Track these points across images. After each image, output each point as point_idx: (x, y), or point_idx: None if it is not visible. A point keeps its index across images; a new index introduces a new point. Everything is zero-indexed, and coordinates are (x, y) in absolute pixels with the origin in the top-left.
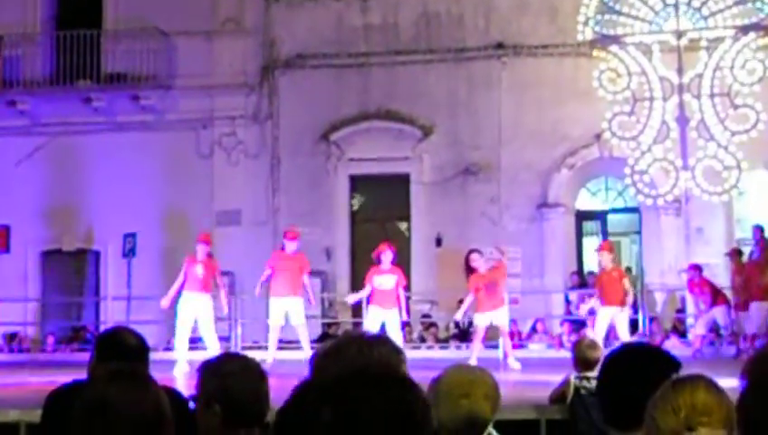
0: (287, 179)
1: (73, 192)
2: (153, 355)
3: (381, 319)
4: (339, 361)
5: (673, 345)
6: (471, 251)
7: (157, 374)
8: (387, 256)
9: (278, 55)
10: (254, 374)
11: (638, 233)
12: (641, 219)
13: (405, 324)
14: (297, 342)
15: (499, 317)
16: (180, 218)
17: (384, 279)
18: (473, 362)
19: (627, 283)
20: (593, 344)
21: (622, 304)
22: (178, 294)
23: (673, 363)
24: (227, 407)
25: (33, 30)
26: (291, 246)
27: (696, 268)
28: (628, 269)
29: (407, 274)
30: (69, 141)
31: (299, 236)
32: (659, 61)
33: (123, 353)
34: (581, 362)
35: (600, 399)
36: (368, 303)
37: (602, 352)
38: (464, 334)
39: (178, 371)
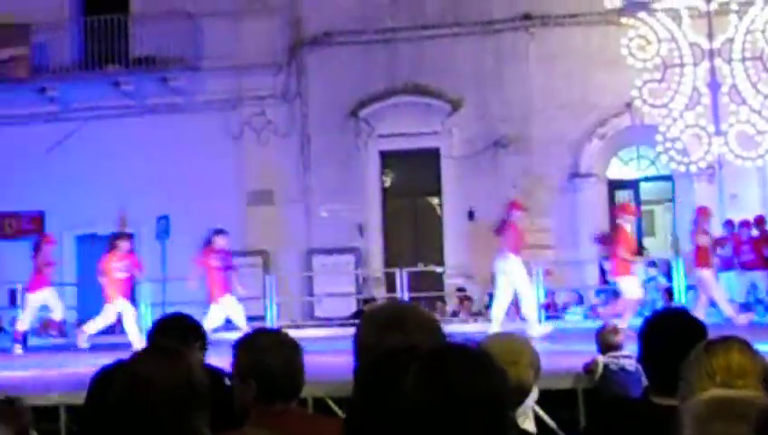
0: (317, 157)
1: (106, 176)
2: None
3: None
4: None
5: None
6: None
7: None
8: None
9: (305, 34)
10: (287, 349)
11: (672, 201)
12: (674, 187)
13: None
14: (328, 319)
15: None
16: (212, 199)
17: None
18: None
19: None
20: (615, 330)
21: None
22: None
23: (700, 327)
24: (262, 381)
25: (61, 16)
26: None
27: (762, 222)
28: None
29: (440, 247)
30: (99, 126)
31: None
32: (689, 26)
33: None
34: (605, 346)
35: (643, 368)
36: None
37: (624, 336)
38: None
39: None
